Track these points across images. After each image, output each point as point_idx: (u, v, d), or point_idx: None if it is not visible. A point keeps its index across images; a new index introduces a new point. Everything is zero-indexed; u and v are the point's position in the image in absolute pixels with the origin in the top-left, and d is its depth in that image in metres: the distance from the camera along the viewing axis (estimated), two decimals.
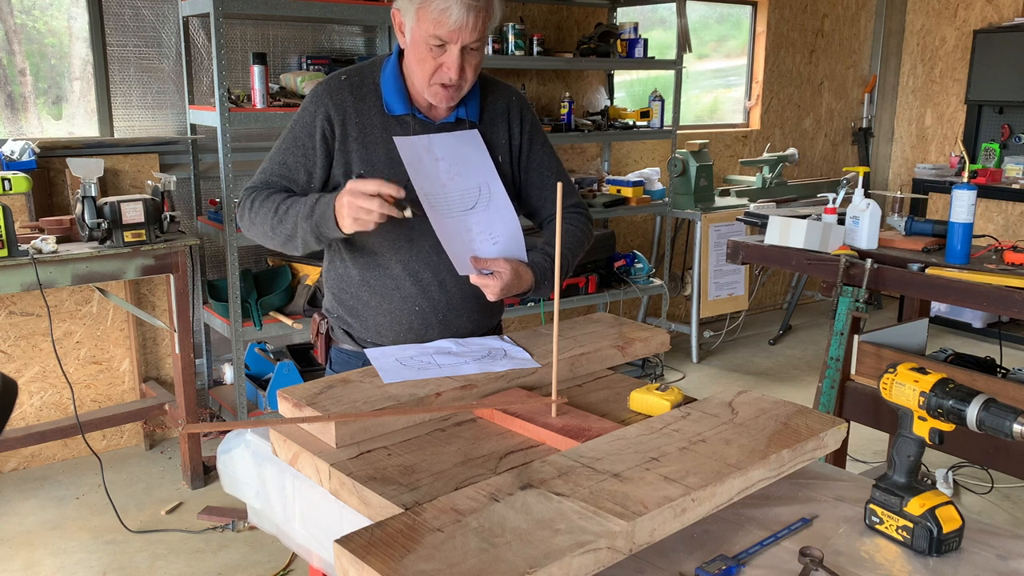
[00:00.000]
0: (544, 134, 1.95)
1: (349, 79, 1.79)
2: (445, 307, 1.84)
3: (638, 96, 5.44)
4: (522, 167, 1.90)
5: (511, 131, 1.87)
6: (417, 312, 1.83)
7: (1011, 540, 1.18)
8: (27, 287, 2.94)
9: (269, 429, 1.47)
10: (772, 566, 1.11)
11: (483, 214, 1.71)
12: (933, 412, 1.15)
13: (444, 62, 1.66)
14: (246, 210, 1.78)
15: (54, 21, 3.55)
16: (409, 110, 1.77)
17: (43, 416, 3.56)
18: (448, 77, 1.67)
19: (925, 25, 6.23)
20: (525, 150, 1.89)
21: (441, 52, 1.65)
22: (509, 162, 1.87)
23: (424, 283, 1.81)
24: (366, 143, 1.76)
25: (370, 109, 1.77)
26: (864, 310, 2.72)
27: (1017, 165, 5.34)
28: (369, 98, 1.77)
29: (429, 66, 1.67)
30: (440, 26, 1.61)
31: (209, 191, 3.85)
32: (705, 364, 5.04)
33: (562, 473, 1.19)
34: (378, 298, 1.82)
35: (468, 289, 1.84)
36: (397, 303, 1.82)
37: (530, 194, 1.93)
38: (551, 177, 1.92)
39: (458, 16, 1.60)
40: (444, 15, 1.60)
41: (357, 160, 1.76)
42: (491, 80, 1.89)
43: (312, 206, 1.66)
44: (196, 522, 3.14)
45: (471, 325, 1.88)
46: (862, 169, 3.17)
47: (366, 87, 1.78)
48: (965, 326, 5.47)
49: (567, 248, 1.87)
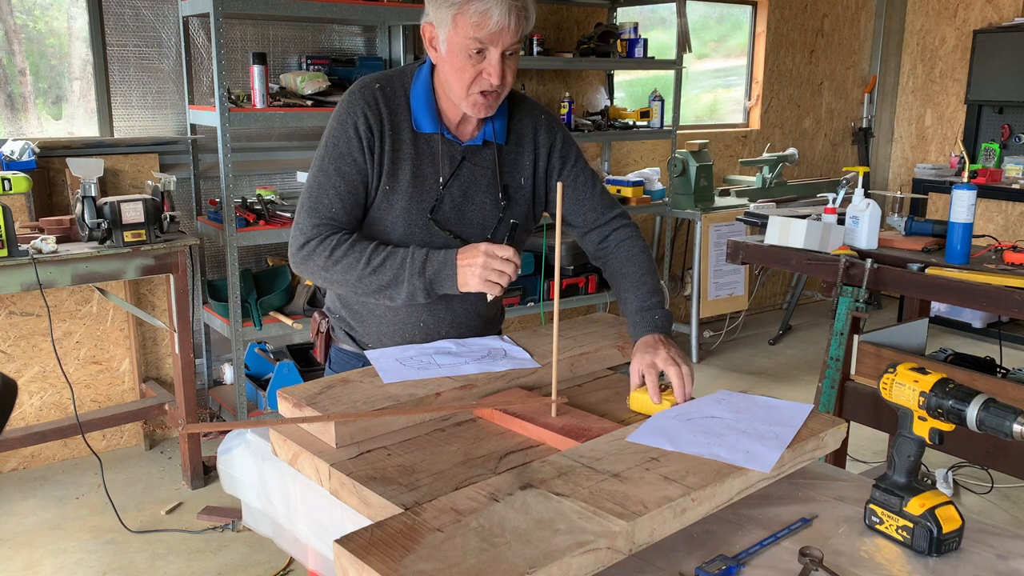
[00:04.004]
0: (578, 150, 1.89)
1: (382, 88, 1.72)
2: (449, 324, 1.82)
3: (638, 96, 5.44)
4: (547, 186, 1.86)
5: (537, 152, 1.83)
6: (421, 327, 1.81)
7: (1011, 540, 1.18)
8: (27, 287, 2.94)
9: (269, 429, 1.47)
10: (772, 566, 1.11)
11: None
12: (933, 412, 1.15)
13: (484, 68, 1.61)
14: (321, 256, 1.67)
15: (54, 21, 3.55)
16: (438, 129, 1.73)
17: (43, 416, 3.56)
18: (490, 83, 1.62)
19: (925, 25, 6.23)
20: (556, 169, 1.84)
21: (480, 59, 1.60)
22: (532, 184, 1.83)
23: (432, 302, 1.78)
24: (394, 158, 1.71)
25: (400, 123, 1.71)
26: (864, 310, 2.72)
27: (1017, 165, 5.34)
28: (400, 112, 1.72)
29: (469, 74, 1.62)
30: (480, 28, 1.57)
31: (209, 191, 3.85)
32: (705, 364, 5.04)
33: (562, 473, 1.19)
34: (383, 307, 1.80)
35: (473, 308, 1.83)
36: (403, 316, 1.80)
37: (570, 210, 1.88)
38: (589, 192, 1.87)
39: (500, 17, 1.55)
40: (485, 17, 1.56)
41: (384, 174, 1.71)
42: (519, 97, 1.84)
43: (423, 263, 1.63)
44: (196, 522, 3.14)
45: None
46: (862, 169, 3.17)
47: (397, 99, 1.72)
48: (965, 326, 5.47)
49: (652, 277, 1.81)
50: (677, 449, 1.28)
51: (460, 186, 1.75)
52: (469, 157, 1.76)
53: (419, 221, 1.72)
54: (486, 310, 1.87)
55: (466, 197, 1.76)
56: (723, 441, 1.31)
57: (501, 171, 1.78)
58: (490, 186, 1.78)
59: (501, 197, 1.78)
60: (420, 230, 1.73)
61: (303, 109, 3.59)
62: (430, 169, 1.73)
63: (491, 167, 1.78)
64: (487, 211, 1.78)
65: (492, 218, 1.78)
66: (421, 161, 1.73)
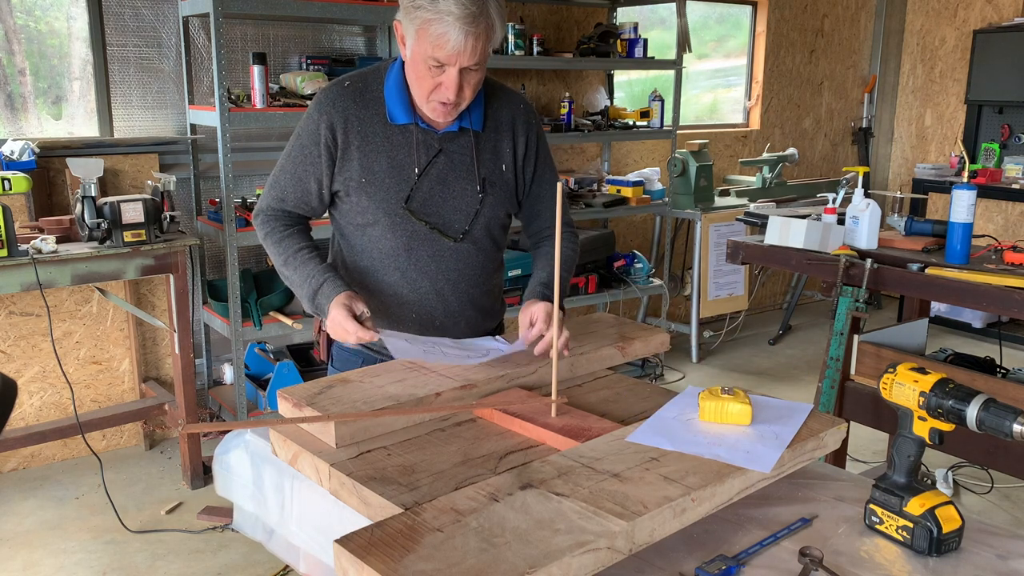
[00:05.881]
0: (547, 146, 1.93)
1: (352, 85, 1.78)
2: (443, 314, 1.85)
3: (638, 96, 5.44)
4: (524, 176, 1.89)
5: (516, 140, 1.85)
6: (414, 319, 1.83)
7: (1011, 540, 1.18)
8: (27, 287, 2.94)
9: (269, 429, 1.47)
10: (772, 566, 1.11)
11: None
12: (933, 412, 1.15)
13: (443, 82, 1.64)
14: (260, 232, 1.85)
15: (54, 21, 3.55)
16: (412, 119, 1.76)
17: (43, 416, 3.56)
18: (446, 96, 1.65)
19: (925, 25, 6.23)
20: (530, 160, 1.88)
21: (440, 72, 1.63)
22: (513, 171, 1.86)
23: (422, 292, 1.82)
24: (368, 151, 1.75)
25: (373, 117, 1.76)
26: (864, 310, 2.72)
27: (1017, 165, 5.34)
28: (372, 106, 1.76)
29: (427, 84, 1.66)
30: (439, 49, 1.59)
31: (209, 191, 3.85)
32: (705, 364, 5.04)
33: (562, 473, 1.19)
34: (376, 302, 1.82)
35: (466, 298, 1.85)
36: (394, 309, 1.83)
37: (528, 204, 1.92)
38: (549, 191, 1.91)
39: (456, 42, 1.57)
40: (442, 39, 1.57)
41: (359, 168, 1.75)
42: (497, 87, 1.86)
43: (313, 294, 1.72)
44: (196, 522, 3.14)
45: (470, 331, 1.88)
46: (862, 169, 3.17)
47: (369, 94, 1.77)
48: (965, 326, 5.46)
49: (564, 270, 1.85)
50: (677, 449, 1.28)
51: (438, 174, 1.77)
52: (446, 145, 1.78)
53: (397, 211, 1.76)
54: (481, 299, 1.89)
55: (445, 185, 1.78)
56: (723, 441, 1.31)
57: (479, 157, 1.80)
58: (468, 172, 1.79)
59: (479, 185, 1.79)
60: (400, 219, 1.76)
61: (303, 109, 3.57)
62: (406, 159, 1.76)
63: (469, 154, 1.79)
64: (467, 198, 1.80)
65: (472, 204, 1.80)
66: (397, 152, 1.75)
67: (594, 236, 4.55)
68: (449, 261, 1.82)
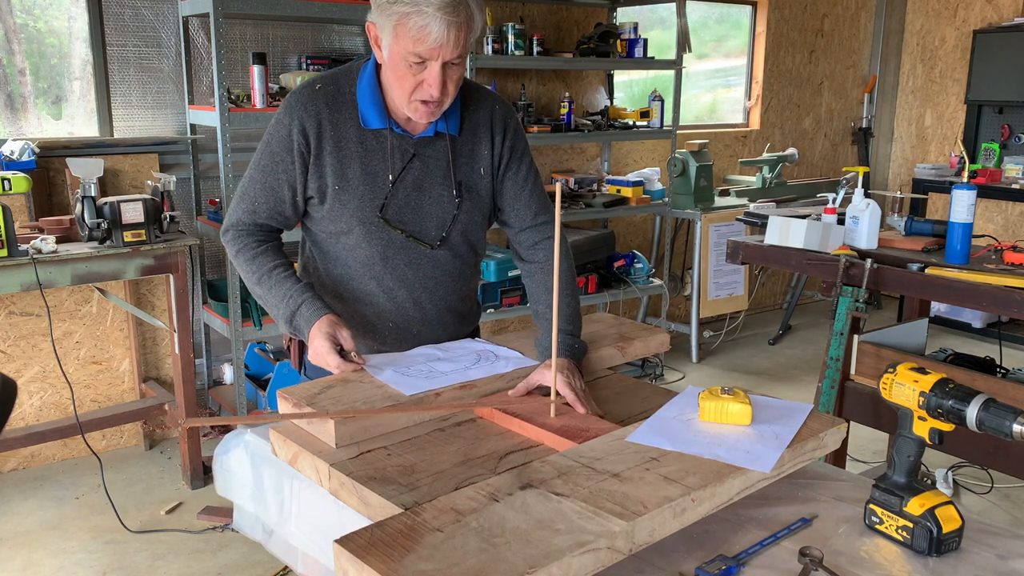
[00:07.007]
0: (526, 143, 1.86)
1: (324, 88, 1.71)
2: (420, 323, 1.82)
3: (638, 96, 5.44)
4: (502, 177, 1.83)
5: (493, 142, 1.79)
6: (391, 328, 1.80)
7: (1011, 540, 1.18)
8: (27, 287, 2.94)
9: (269, 429, 1.47)
10: (772, 566, 1.11)
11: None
12: (933, 412, 1.15)
13: (425, 79, 1.58)
14: (230, 249, 1.79)
15: (54, 21, 3.55)
16: (386, 124, 1.70)
17: (43, 416, 3.56)
18: (429, 94, 1.59)
19: (925, 25, 6.23)
20: (507, 159, 1.81)
21: (421, 69, 1.58)
22: (491, 174, 1.80)
23: (398, 300, 1.79)
24: (341, 157, 1.70)
25: (346, 121, 1.70)
26: (864, 310, 2.72)
27: (1017, 165, 5.34)
28: (345, 109, 1.70)
29: (409, 83, 1.60)
30: (419, 43, 1.53)
31: (209, 191, 3.85)
32: (705, 364, 5.04)
33: (562, 473, 1.19)
34: (351, 310, 1.79)
35: (443, 305, 1.83)
36: (371, 318, 1.80)
37: (506, 204, 1.84)
38: (528, 190, 1.84)
39: (438, 33, 1.51)
40: (423, 32, 1.51)
41: (331, 174, 1.70)
42: (473, 88, 1.81)
43: (291, 315, 1.69)
44: (196, 522, 3.14)
45: (447, 337, 1.85)
46: (862, 169, 3.17)
47: (342, 97, 1.70)
48: (965, 326, 5.46)
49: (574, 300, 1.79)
50: (677, 449, 1.28)
51: (414, 180, 1.73)
52: (421, 150, 1.73)
53: (372, 219, 1.71)
54: (458, 305, 1.86)
55: (421, 191, 1.74)
56: (723, 441, 1.31)
57: (455, 162, 1.75)
58: (444, 178, 1.75)
59: (455, 190, 1.75)
60: (375, 228, 1.72)
61: None
62: (380, 165, 1.71)
63: (444, 158, 1.75)
64: (443, 204, 1.75)
65: (448, 211, 1.76)
66: (371, 158, 1.71)
67: (594, 236, 4.55)
68: (426, 268, 1.78)
